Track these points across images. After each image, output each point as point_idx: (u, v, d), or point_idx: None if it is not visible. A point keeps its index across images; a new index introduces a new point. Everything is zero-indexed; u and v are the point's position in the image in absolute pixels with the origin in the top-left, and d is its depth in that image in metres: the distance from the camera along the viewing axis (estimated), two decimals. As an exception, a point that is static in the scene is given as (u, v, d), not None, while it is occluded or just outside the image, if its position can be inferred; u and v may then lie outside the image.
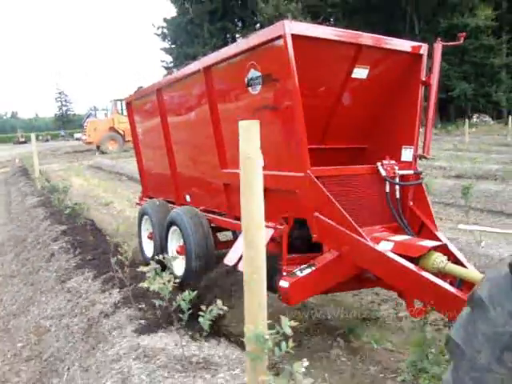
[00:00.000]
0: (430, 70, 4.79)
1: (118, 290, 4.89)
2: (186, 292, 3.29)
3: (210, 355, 3.63)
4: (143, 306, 4.45)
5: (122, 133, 33.97)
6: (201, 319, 3.06)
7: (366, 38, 4.52)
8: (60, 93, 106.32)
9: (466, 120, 28.71)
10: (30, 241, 8.21)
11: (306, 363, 2.20)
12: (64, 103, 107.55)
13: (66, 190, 10.17)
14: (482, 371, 2.00)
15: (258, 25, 43.65)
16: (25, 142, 29.11)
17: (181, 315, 3.27)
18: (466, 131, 25.78)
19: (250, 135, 2.48)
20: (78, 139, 43.25)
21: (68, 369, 3.95)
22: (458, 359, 2.11)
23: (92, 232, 7.75)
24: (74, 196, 12.26)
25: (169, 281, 3.25)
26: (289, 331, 2.28)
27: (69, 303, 5.15)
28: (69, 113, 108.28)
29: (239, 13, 53.94)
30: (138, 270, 3.46)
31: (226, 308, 3.03)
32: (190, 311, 3.27)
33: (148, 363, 3.35)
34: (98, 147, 34.69)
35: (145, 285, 3.28)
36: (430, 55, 4.82)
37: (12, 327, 5.32)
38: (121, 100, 33.42)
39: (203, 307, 3.08)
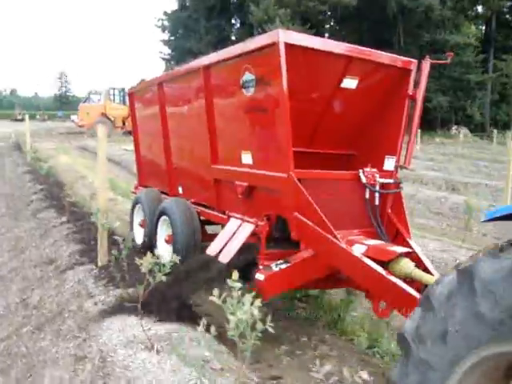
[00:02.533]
0: (416, 84, 5.29)
1: (65, 216, 8.76)
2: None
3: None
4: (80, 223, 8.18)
5: (113, 119, 39.21)
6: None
7: (357, 51, 5.07)
8: (61, 73, 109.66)
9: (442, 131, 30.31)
10: (18, 195, 12.38)
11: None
12: (64, 84, 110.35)
13: (47, 163, 14.55)
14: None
15: (250, 26, 45.21)
16: (22, 120, 30.33)
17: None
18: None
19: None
20: (73, 121, 44.84)
21: (28, 248, 7.75)
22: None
23: (60, 189, 11.26)
24: (58, 170, 15.77)
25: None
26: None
27: (37, 225, 8.97)
28: (68, 94, 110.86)
29: (235, 12, 57.11)
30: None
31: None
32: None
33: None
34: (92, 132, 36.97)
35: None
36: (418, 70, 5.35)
37: (3, 238, 9.04)
38: (114, 89, 39.89)
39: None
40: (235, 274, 2.65)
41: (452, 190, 15.05)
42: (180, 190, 7.06)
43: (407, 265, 4.33)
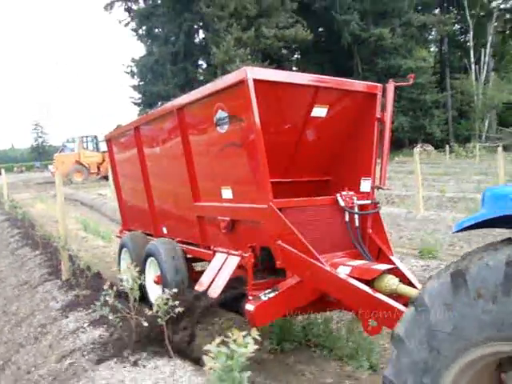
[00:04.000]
0: (383, 107, 5.32)
1: (38, 250, 9.83)
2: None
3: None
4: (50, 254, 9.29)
5: (87, 166, 39.99)
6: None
7: (323, 80, 5.09)
8: (36, 124, 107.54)
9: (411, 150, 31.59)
10: None
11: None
12: (40, 135, 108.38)
13: (23, 209, 16.34)
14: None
15: (215, 67, 46.89)
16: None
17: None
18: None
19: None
20: (49, 171, 45.21)
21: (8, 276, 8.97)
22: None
23: (34, 231, 11.57)
24: (34, 215, 16.90)
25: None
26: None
27: (15, 260, 10.03)
28: (44, 144, 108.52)
29: (198, 55, 58.39)
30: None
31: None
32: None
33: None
34: (70, 180, 38.33)
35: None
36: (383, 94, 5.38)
37: None
38: (86, 136, 41.21)
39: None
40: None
41: (390, 204, 15.96)
42: (164, 230, 6.94)
43: (391, 281, 4.28)
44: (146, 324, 4.35)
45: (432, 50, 59.70)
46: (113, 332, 4.87)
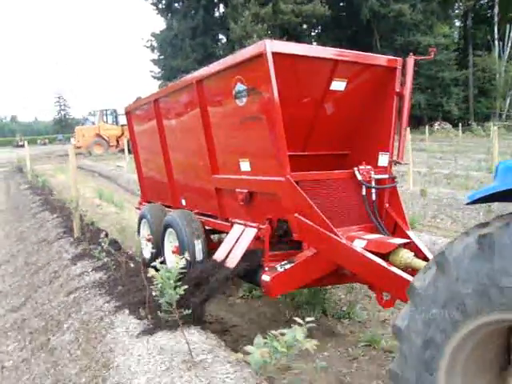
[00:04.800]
0: (403, 81, 5.19)
1: (56, 214, 10.94)
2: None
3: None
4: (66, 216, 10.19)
5: (107, 139, 40.58)
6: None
7: (343, 54, 4.97)
8: (59, 97, 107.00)
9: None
10: (21, 206, 14.38)
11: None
12: (63, 107, 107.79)
13: (43, 177, 17.44)
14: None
15: (234, 42, 46.52)
16: (23, 146, 31.31)
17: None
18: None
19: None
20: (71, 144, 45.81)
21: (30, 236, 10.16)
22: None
23: (53, 198, 13.48)
24: (53, 184, 17.62)
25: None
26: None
27: (35, 222, 11.11)
28: (67, 117, 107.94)
29: (217, 30, 57.64)
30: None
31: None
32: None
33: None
34: (89, 152, 39.37)
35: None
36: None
37: (13, 232, 11.33)
38: (106, 110, 41.65)
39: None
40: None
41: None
42: (183, 201, 6.93)
43: (406, 255, 4.26)
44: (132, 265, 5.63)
45: (457, 25, 58.00)
46: (110, 275, 5.98)
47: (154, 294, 3.90)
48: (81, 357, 4.25)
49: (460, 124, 37.27)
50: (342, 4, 55.17)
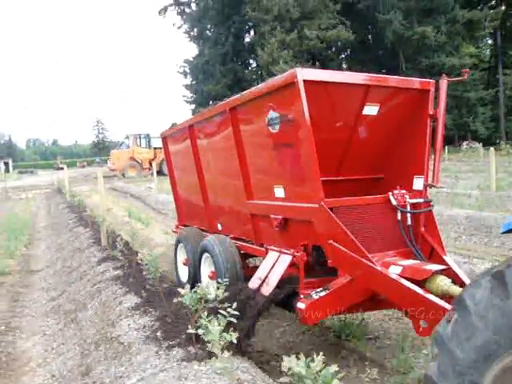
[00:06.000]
0: (436, 104, 5.03)
1: (88, 228, 12.21)
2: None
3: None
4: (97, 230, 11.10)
5: (140, 162, 41.89)
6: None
7: (373, 79, 4.85)
8: (97, 121, 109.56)
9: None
10: (60, 221, 16.20)
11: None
12: (101, 131, 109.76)
13: (79, 197, 18.58)
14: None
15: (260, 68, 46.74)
16: (63, 169, 32.57)
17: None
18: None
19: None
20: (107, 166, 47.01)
21: (67, 246, 11.77)
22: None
23: (86, 214, 13.48)
24: (88, 203, 18.18)
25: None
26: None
27: (71, 235, 12.59)
28: (105, 140, 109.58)
29: (246, 56, 58.73)
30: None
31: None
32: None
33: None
34: (123, 174, 40.68)
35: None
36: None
37: (53, 243, 12.90)
38: (140, 134, 42.79)
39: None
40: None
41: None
42: (219, 226, 6.84)
43: (443, 282, 4.04)
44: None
45: (488, 43, 56.84)
46: (125, 272, 7.18)
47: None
48: (98, 323, 5.80)
49: (482, 143, 36.34)
50: (366, 28, 55.07)
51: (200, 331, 3.63)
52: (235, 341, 3.49)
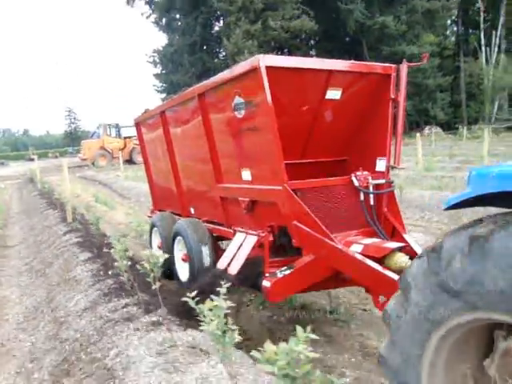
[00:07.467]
0: (397, 88, 5.04)
1: (57, 210, 13.54)
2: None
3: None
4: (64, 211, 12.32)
5: (110, 151, 40.80)
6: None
7: (335, 64, 4.82)
8: (69, 110, 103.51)
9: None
10: (32, 208, 17.04)
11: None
12: (73, 121, 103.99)
13: (49, 184, 20.41)
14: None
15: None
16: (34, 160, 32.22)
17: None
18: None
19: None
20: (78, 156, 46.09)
21: (37, 226, 13.14)
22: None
23: (55, 198, 14.72)
24: (58, 190, 18.23)
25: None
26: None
27: (42, 216, 14.04)
28: (77, 130, 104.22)
29: (214, 46, 57.67)
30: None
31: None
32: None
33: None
34: (93, 164, 40.15)
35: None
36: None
37: (25, 225, 14.02)
38: (109, 124, 42.24)
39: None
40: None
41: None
42: (192, 210, 6.77)
43: (401, 259, 4.10)
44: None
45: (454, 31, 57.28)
46: (84, 239, 8.93)
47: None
48: (60, 273, 7.43)
49: (442, 128, 36.88)
50: (330, 18, 54.93)
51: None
52: None
